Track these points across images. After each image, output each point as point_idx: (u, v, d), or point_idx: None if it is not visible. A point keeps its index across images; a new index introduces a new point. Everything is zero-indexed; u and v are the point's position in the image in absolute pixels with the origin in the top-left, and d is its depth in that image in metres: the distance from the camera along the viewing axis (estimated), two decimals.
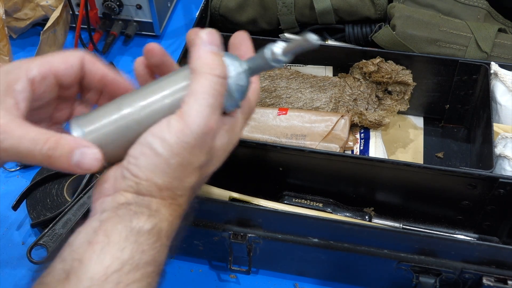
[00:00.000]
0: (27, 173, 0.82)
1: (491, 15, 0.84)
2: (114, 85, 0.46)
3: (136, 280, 0.39)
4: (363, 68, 0.77)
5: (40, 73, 0.43)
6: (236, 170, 0.70)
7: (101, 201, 0.42)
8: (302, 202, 0.68)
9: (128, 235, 0.39)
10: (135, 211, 0.40)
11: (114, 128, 0.43)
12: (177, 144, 0.40)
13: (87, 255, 0.38)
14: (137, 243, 0.39)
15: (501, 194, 0.63)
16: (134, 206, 0.40)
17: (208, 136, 0.42)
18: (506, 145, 0.67)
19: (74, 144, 0.40)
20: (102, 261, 0.38)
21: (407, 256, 0.61)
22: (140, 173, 0.41)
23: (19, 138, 0.40)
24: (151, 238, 0.40)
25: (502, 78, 0.73)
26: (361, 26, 0.86)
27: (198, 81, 0.41)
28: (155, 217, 0.41)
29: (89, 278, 0.37)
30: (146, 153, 0.41)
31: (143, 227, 0.40)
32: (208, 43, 0.43)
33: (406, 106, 0.79)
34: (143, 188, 0.41)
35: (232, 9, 0.87)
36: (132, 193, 0.41)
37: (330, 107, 0.78)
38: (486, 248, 0.58)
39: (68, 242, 0.40)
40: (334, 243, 0.62)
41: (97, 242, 0.38)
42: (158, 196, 0.41)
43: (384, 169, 0.65)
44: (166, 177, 0.41)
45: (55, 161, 0.40)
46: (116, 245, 0.38)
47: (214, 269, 0.71)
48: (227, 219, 0.64)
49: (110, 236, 0.39)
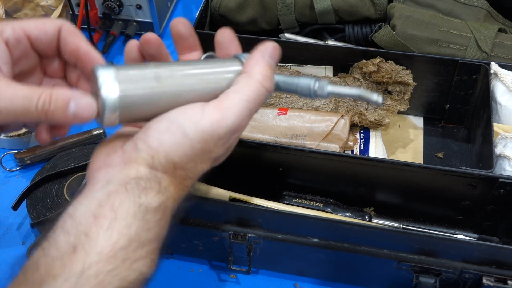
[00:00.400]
0: (27, 173, 0.82)
1: (491, 15, 0.84)
2: (87, 59, 0.45)
3: (141, 257, 0.39)
4: (363, 68, 0.77)
5: (13, 35, 0.42)
6: (236, 170, 0.70)
7: (105, 171, 0.41)
8: (302, 202, 0.68)
9: (136, 211, 0.39)
10: (145, 187, 0.40)
11: (147, 92, 0.42)
12: (208, 132, 0.42)
13: (94, 230, 0.38)
14: (144, 220, 0.39)
15: (501, 194, 0.63)
16: (144, 181, 0.40)
17: (236, 135, 0.44)
18: (506, 145, 0.67)
19: (68, 96, 0.40)
20: (109, 237, 0.38)
21: (407, 256, 0.61)
22: (161, 148, 0.41)
23: (11, 97, 0.39)
24: (157, 215, 0.40)
25: (502, 78, 0.72)
26: (361, 26, 0.86)
27: (249, 84, 0.44)
28: (163, 194, 0.41)
29: (97, 253, 0.37)
30: (173, 130, 0.41)
31: (150, 204, 0.40)
32: (269, 56, 0.46)
33: (406, 106, 0.79)
34: (158, 163, 0.41)
35: (232, 9, 0.87)
36: (145, 167, 0.41)
37: (330, 107, 0.78)
38: (486, 248, 0.58)
39: (68, 213, 0.39)
40: (334, 243, 0.62)
41: (104, 216, 0.38)
42: (171, 173, 0.42)
43: (384, 169, 0.65)
44: (185, 158, 0.42)
45: (52, 115, 0.40)
46: (123, 221, 0.38)
47: (214, 269, 0.71)
48: (227, 219, 0.64)
49: (118, 211, 0.39)
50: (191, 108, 0.42)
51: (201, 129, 0.41)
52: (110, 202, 0.39)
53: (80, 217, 0.38)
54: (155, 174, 0.41)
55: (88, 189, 0.41)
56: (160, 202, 0.41)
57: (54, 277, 0.36)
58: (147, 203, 0.40)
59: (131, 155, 0.41)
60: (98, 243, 0.37)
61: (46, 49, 0.45)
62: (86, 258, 0.37)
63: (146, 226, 0.39)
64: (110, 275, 0.37)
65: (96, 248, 0.37)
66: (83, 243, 0.37)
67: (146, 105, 0.42)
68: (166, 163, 0.41)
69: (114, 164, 0.42)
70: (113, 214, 0.38)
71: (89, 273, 0.36)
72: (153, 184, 0.41)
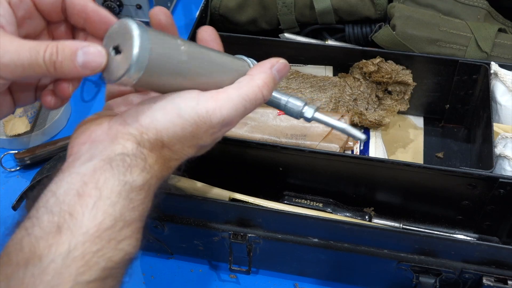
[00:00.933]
0: (27, 173, 0.82)
1: (491, 15, 0.84)
2: (96, 18, 0.43)
3: (127, 237, 0.39)
4: (363, 68, 0.77)
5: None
6: (236, 170, 0.70)
7: (89, 146, 0.41)
8: (302, 202, 0.68)
9: (121, 190, 0.39)
10: (130, 164, 0.40)
11: (174, 63, 0.42)
12: (203, 117, 0.42)
13: (78, 209, 0.37)
14: (128, 199, 0.39)
15: (501, 194, 0.63)
16: (130, 158, 0.40)
17: (225, 128, 0.45)
18: (506, 145, 0.67)
19: (75, 45, 0.39)
20: (94, 216, 0.37)
21: (407, 256, 0.61)
22: (151, 125, 0.41)
23: (17, 50, 0.38)
24: (141, 193, 0.40)
25: (502, 78, 0.72)
26: (361, 26, 0.86)
27: (249, 86, 0.45)
28: (148, 172, 0.41)
29: (82, 234, 0.37)
30: (167, 109, 0.42)
31: (135, 181, 0.40)
32: (277, 70, 0.47)
33: (406, 106, 0.79)
34: (147, 140, 0.41)
35: (232, 9, 0.87)
36: (132, 142, 0.41)
37: (330, 107, 0.78)
38: (486, 248, 0.58)
39: (51, 190, 0.39)
40: (334, 243, 0.62)
41: (88, 195, 0.38)
42: (157, 152, 0.42)
43: (384, 169, 0.65)
44: (174, 138, 0.42)
45: (61, 67, 0.39)
46: (107, 200, 0.38)
47: (214, 269, 0.71)
48: (227, 219, 0.64)
49: (102, 189, 0.38)
50: (188, 93, 0.43)
51: (196, 113, 0.42)
52: (95, 180, 0.38)
53: (64, 196, 0.38)
54: (141, 151, 0.41)
55: (70, 164, 0.40)
56: (144, 181, 0.40)
57: (39, 257, 0.36)
58: (132, 181, 0.39)
59: (118, 130, 0.41)
60: (83, 223, 0.37)
61: (51, 11, 0.44)
62: (72, 239, 0.36)
63: (130, 205, 0.39)
64: (96, 255, 0.37)
65: (81, 228, 0.37)
66: (68, 223, 0.37)
67: (166, 75, 0.42)
68: (154, 141, 0.41)
69: (99, 139, 0.41)
70: (98, 193, 0.38)
71: (75, 254, 0.36)
72: (138, 161, 0.40)
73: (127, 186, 0.39)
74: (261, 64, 0.47)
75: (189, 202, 0.63)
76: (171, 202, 0.63)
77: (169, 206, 0.64)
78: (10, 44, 0.38)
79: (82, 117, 0.91)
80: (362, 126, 0.78)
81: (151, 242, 0.69)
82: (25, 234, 0.37)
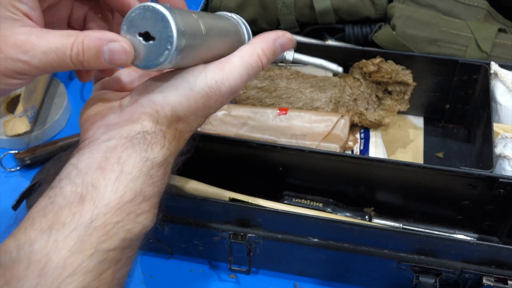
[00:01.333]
0: (27, 173, 0.82)
1: (491, 15, 0.84)
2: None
3: (145, 211, 0.40)
4: (363, 68, 0.77)
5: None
6: (236, 170, 0.70)
7: (104, 129, 0.42)
8: (302, 202, 0.68)
9: (142, 166, 0.40)
10: (150, 141, 0.41)
11: (198, 41, 0.43)
12: (213, 87, 0.44)
13: (101, 182, 0.39)
14: (149, 175, 0.41)
15: (501, 194, 0.63)
16: (150, 136, 0.41)
17: (232, 96, 0.46)
18: (506, 145, 0.67)
19: (99, 42, 0.40)
20: (116, 190, 0.39)
21: (407, 256, 0.61)
22: (165, 101, 0.42)
23: (45, 53, 0.39)
24: (160, 170, 0.42)
25: (502, 78, 0.73)
26: (361, 26, 0.86)
27: (251, 54, 0.46)
28: (167, 148, 0.42)
29: (104, 205, 0.38)
30: (178, 84, 0.43)
31: (156, 158, 0.41)
32: (280, 43, 0.49)
33: (406, 106, 0.79)
34: (164, 116, 0.42)
35: (232, 9, 0.87)
36: (149, 121, 0.42)
37: (330, 107, 0.78)
38: (486, 248, 0.58)
39: (72, 163, 0.40)
40: (334, 243, 0.62)
41: (111, 169, 0.39)
42: (173, 127, 0.43)
43: (384, 169, 0.65)
44: (189, 111, 0.43)
45: (88, 64, 0.40)
46: (129, 175, 0.40)
47: (214, 269, 0.71)
48: (227, 219, 0.64)
49: (124, 165, 0.40)
50: (194, 67, 0.44)
51: (207, 84, 0.43)
52: (117, 155, 0.40)
53: (86, 169, 0.39)
54: (160, 128, 0.42)
55: (88, 144, 0.41)
56: (164, 157, 0.42)
57: (63, 224, 0.37)
58: (153, 157, 0.41)
59: (133, 112, 0.42)
60: (105, 195, 0.39)
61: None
62: (94, 209, 0.38)
63: (150, 181, 0.41)
64: (117, 226, 0.39)
65: (104, 200, 0.38)
66: (91, 193, 0.38)
67: (193, 52, 0.43)
68: (171, 117, 0.43)
69: (114, 122, 0.42)
70: (120, 168, 0.39)
71: (97, 223, 0.38)
72: (158, 139, 0.42)
73: (148, 162, 0.41)
74: (266, 35, 0.48)
75: (189, 202, 0.63)
76: (171, 202, 0.63)
77: (169, 206, 0.64)
78: (39, 44, 0.39)
79: None
80: (362, 126, 0.78)
81: (151, 242, 0.69)
82: (49, 202, 0.39)
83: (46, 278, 0.36)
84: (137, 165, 0.40)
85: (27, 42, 0.38)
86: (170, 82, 0.43)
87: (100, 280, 0.38)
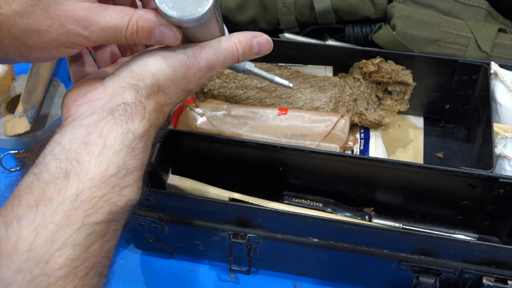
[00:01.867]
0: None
1: (491, 15, 0.84)
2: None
3: (129, 184, 0.41)
4: (363, 68, 0.77)
5: None
6: (236, 170, 0.70)
7: (87, 105, 0.43)
8: (302, 202, 0.68)
9: (124, 139, 0.41)
10: (131, 113, 0.42)
11: (213, 13, 0.45)
12: (191, 58, 0.45)
13: (85, 157, 0.39)
14: (130, 148, 0.41)
15: (501, 194, 0.63)
16: (130, 107, 0.42)
17: (210, 73, 0.47)
18: (506, 145, 0.67)
19: (152, 25, 0.43)
20: (100, 164, 0.39)
21: (407, 256, 0.61)
22: (146, 70, 0.44)
23: (103, 29, 0.42)
24: (142, 142, 0.42)
25: (502, 78, 0.73)
26: (361, 26, 0.86)
27: (228, 40, 0.47)
28: (148, 120, 0.43)
29: (89, 179, 0.39)
30: (157, 55, 0.44)
31: (137, 130, 0.42)
32: (258, 42, 0.49)
33: (406, 106, 0.79)
34: (144, 86, 0.43)
35: (232, 9, 0.87)
36: (130, 91, 0.43)
37: (330, 107, 0.78)
38: (486, 248, 0.58)
39: (56, 140, 0.41)
40: (334, 243, 0.62)
41: (94, 143, 0.40)
42: (153, 98, 0.44)
43: (384, 169, 0.65)
44: (169, 80, 0.44)
45: (140, 42, 0.43)
46: (111, 148, 0.40)
47: (214, 269, 0.71)
48: (227, 219, 0.64)
49: (106, 138, 0.40)
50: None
51: (185, 54, 0.45)
52: (99, 129, 0.41)
53: (70, 144, 0.40)
54: (140, 99, 0.43)
55: (71, 121, 0.42)
56: (145, 129, 0.43)
57: (49, 199, 0.38)
58: (134, 129, 0.42)
59: (115, 86, 0.43)
60: (90, 169, 0.39)
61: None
62: (79, 184, 0.39)
63: (132, 153, 0.41)
64: (102, 200, 0.39)
65: (88, 174, 0.39)
66: (75, 168, 0.39)
67: (212, 24, 0.45)
68: (151, 86, 0.44)
69: (96, 97, 0.43)
70: (103, 141, 0.40)
71: (83, 197, 0.38)
72: (138, 109, 0.43)
73: (129, 134, 0.41)
74: (245, 32, 0.49)
75: (189, 202, 0.63)
76: (171, 202, 0.63)
77: (169, 206, 0.64)
78: (98, 20, 0.41)
79: None
80: (362, 126, 0.78)
81: (151, 242, 0.69)
82: (34, 179, 0.39)
83: (36, 253, 0.36)
84: (118, 137, 0.41)
85: (87, 18, 0.41)
86: (150, 54, 0.44)
87: (88, 253, 0.38)
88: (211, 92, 0.80)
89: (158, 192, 0.62)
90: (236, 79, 0.80)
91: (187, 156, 0.70)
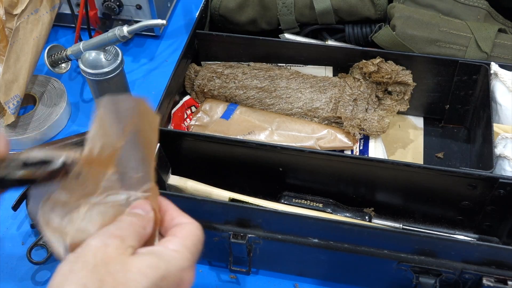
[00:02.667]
0: None
1: (491, 15, 0.84)
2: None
3: None
4: (363, 68, 0.77)
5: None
6: (236, 170, 0.70)
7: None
8: (302, 202, 0.68)
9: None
10: None
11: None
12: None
13: None
14: None
15: (501, 195, 0.63)
16: None
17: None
18: (506, 145, 0.67)
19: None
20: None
21: (407, 257, 0.61)
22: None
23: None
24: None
25: (502, 78, 0.73)
26: (361, 26, 0.86)
27: (124, 220, 0.43)
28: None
29: None
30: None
31: None
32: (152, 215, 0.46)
33: (406, 106, 0.79)
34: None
35: (232, 9, 0.87)
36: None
37: (330, 107, 0.78)
38: (486, 248, 0.58)
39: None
40: (334, 243, 0.62)
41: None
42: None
43: (384, 170, 0.65)
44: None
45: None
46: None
47: (214, 269, 0.71)
48: (227, 219, 0.64)
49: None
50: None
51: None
52: None
53: None
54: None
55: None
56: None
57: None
58: None
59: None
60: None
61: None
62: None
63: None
64: None
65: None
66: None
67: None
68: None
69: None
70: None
71: None
72: None
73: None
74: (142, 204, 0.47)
75: (189, 202, 0.63)
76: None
77: None
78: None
79: (82, 117, 0.91)
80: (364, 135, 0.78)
81: None
82: None
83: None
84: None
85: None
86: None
87: None
88: (211, 92, 0.80)
89: None
90: (236, 79, 0.80)
91: (187, 156, 0.70)
